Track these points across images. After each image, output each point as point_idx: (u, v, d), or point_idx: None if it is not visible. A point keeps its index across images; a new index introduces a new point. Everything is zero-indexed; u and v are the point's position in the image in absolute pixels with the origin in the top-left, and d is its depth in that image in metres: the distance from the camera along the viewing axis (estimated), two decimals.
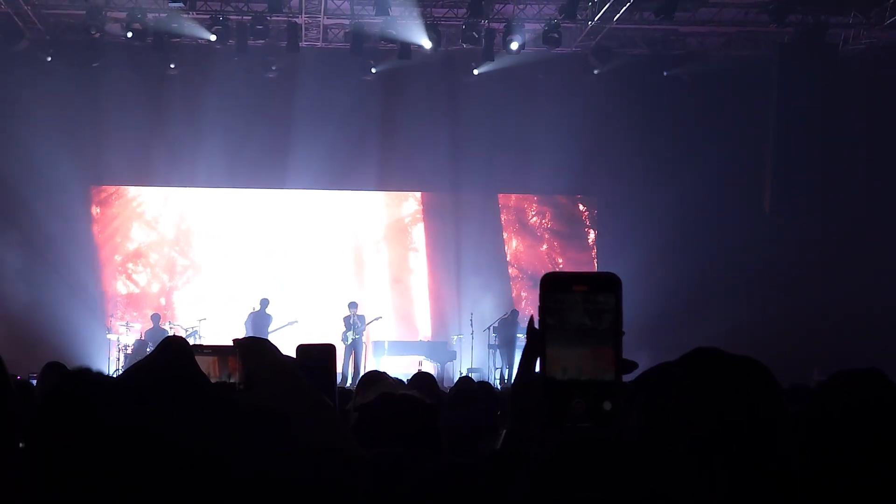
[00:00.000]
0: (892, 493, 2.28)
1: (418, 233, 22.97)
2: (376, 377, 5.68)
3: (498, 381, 19.00)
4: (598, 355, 1.45)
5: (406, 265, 22.90)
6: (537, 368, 1.49)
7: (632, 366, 1.48)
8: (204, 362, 1.71)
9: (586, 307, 1.46)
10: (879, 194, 20.55)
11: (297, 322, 20.19)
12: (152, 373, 1.55)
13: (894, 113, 20.65)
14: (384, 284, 22.72)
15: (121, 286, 22.21)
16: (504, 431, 1.69)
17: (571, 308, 1.46)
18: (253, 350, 1.76)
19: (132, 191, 22.48)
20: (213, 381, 1.72)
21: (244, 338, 1.80)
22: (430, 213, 22.74)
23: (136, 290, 22.24)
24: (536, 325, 1.49)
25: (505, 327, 20.25)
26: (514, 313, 20.59)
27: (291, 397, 1.71)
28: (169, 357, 1.56)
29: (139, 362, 1.61)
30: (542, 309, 1.48)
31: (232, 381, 1.75)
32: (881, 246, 20.02)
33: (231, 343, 1.78)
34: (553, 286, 1.48)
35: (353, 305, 20.44)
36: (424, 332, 22.35)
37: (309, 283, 22.23)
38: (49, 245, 21.29)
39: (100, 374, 1.54)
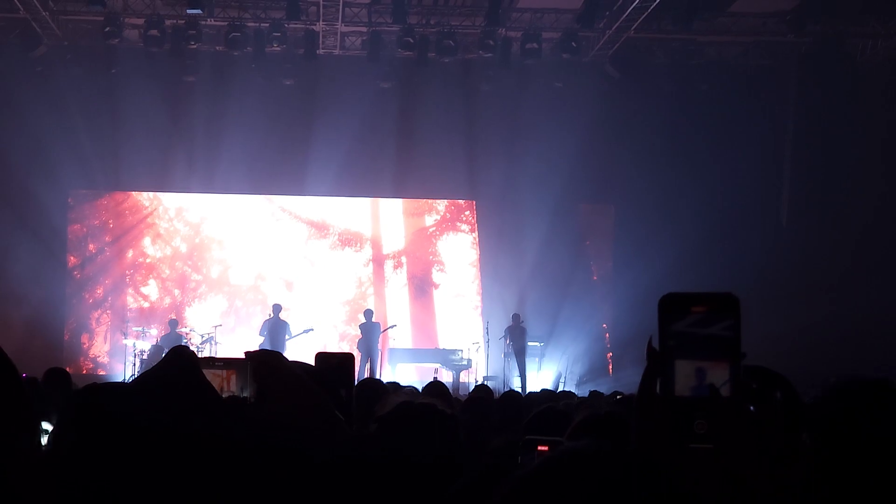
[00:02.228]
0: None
1: (443, 243, 22.92)
2: (381, 388, 5.67)
3: (519, 390, 18.93)
4: (718, 376, 1.44)
5: (428, 274, 22.87)
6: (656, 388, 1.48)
7: (749, 386, 1.46)
8: (216, 376, 1.71)
9: (705, 328, 1.45)
10: None
11: (313, 330, 20.22)
12: (161, 380, 1.56)
13: None
14: (404, 293, 22.73)
15: (131, 300, 22.22)
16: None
17: (690, 329, 1.45)
18: (265, 363, 1.75)
19: (145, 202, 22.52)
20: (225, 395, 1.72)
21: (256, 351, 1.79)
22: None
23: (146, 305, 22.22)
24: (655, 346, 1.48)
25: (514, 335, 20.20)
26: (517, 317, 20.52)
27: (303, 412, 1.70)
28: (176, 366, 1.57)
29: (149, 370, 1.62)
30: (662, 329, 1.47)
31: (244, 395, 1.73)
32: None
33: (243, 356, 1.77)
34: (671, 307, 1.47)
35: (368, 313, 20.47)
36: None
37: (327, 291, 22.26)
38: (63, 249, 21.46)
39: (114, 383, 1.56)
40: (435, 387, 7.79)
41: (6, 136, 20.31)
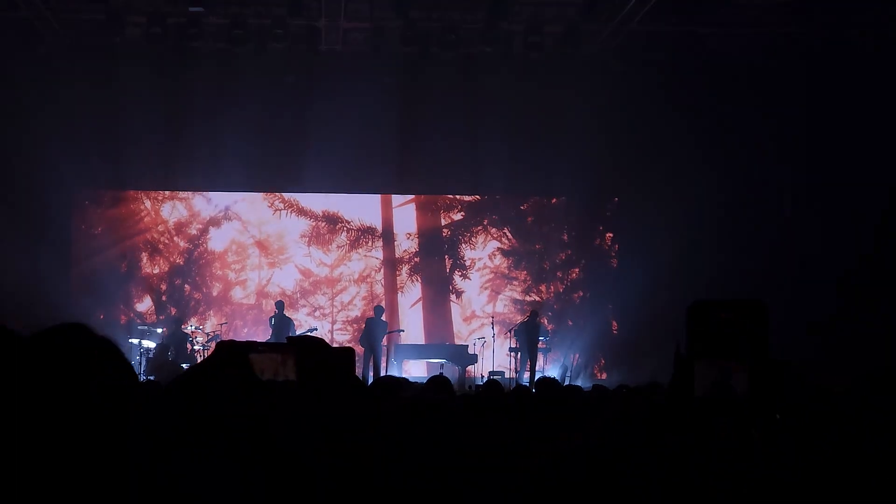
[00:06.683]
0: None
1: (464, 244, 22.95)
2: (401, 384, 5.68)
3: (528, 384, 18.98)
4: (743, 380, 1.46)
5: (443, 274, 22.88)
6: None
7: (773, 390, 1.48)
8: (272, 361, 1.83)
9: (732, 334, 1.47)
10: None
11: (316, 329, 20.27)
12: (209, 371, 1.64)
13: None
14: (418, 303, 22.79)
15: (124, 318, 22.15)
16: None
17: (717, 334, 1.47)
18: (307, 348, 1.86)
19: (145, 216, 22.50)
20: (280, 379, 1.86)
21: (299, 336, 1.97)
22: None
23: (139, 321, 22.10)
24: (683, 353, 1.50)
25: (527, 330, 20.24)
26: (535, 314, 20.57)
27: (343, 392, 1.83)
28: (223, 356, 1.67)
29: (196, 365, 1.72)
30: (690, 335, 1.49)
31: (289, 378, 1.86)
32: None
33: (286, 341, 1.93)
34: (700, 313, 1.49)
35: (378, 310, 20.48)
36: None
37: (333, 311, 22.31)
38: (66, 249, 21.47)
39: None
40: (437, 380, 7.85)
41: (8, 135, 20.29)
